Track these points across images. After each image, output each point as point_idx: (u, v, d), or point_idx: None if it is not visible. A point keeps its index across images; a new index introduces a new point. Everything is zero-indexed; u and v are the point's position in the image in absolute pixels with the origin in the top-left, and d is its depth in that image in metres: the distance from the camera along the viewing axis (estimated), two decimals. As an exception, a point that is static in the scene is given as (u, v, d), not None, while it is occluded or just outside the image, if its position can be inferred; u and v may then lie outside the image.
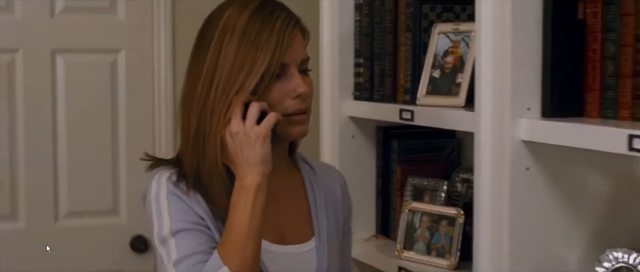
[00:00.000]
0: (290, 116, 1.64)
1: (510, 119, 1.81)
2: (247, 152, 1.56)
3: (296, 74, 1.63)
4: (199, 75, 1.61)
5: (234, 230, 1.55)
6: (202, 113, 1.60)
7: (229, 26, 1.60)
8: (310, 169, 1.82)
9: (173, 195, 1.61)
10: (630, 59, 1.70)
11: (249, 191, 1.56)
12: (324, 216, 1.76)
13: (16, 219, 3.35)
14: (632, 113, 1.70)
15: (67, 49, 3.36)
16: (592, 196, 1.90)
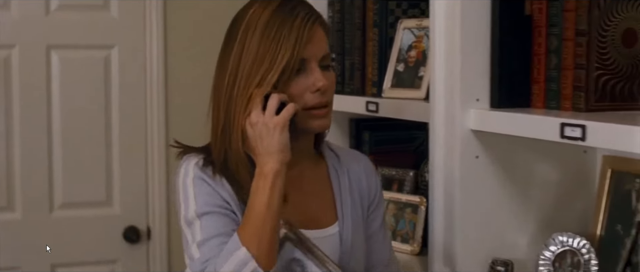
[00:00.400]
0: (310, 110, 1.69)
1: (460, 109, 1.90)
2: (266, 141, 1.61)
3: (316, 69, 1.68)
4: (225, 69, 1.68)
5: (253, 214, 1.59)
6: (228, 105, 1.66)
7: (253, 22, 1.66)
8: (336, 156, 1.87)
9: (200, 179, 1.67)
10: (571, 52, 1.78)
11: (267, 177, 1.60)
12: (348, 201, 1.80)
13: (13, 210, 3.45)
14: (573, 104, 1.78)
15: (61, 45, 3.45)
16: (540, 184, 1.99)
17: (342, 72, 2.49)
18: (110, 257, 3.53)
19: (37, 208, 3.46)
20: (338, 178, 1.83)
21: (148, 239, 3.56)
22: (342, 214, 1.80)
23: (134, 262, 3.55)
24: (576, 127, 1.59)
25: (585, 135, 1.58)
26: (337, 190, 1.82)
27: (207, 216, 1.65)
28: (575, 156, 2.01)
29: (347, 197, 1.82)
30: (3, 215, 3.42)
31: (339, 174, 1.84)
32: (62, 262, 3.50)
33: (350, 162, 1.88)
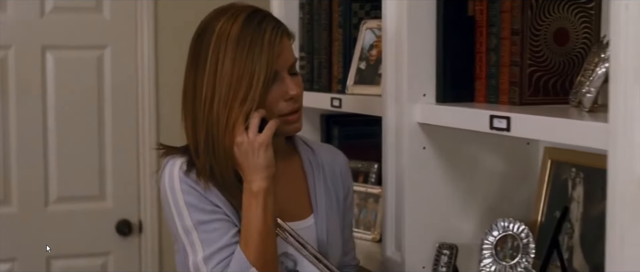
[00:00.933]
0: (285, 116, 1.78)
1: (408, 104, 2.03)
2: (252, 159, 1.70)
3: (287, 78, 1.77)
4: (200, 86, 1.73)
5: (252, 233, 1.70)
6: (209, 124, 1.72)
7: (222, 39, 1.72)
8: (310, 150, 1.97)
9: (187, 185, 1.74)
10: (508, 50, 1.91)
11: (258, 196, 1.70)
12: (322, 193, 1.89)
13: (9, 204, 3.59)
14: (509, 98, 1.91)
15: (56, 46, 3.60)
16: (485, 174, 2.12)
17: (311, 70, 2.62)
18: (103, 249, 3.68)
19: (32, 202, 3.60)
20: (312, 171, 1.93)
21: (140, 232, 3.70)
22: (317, 206, 1.90)
23: (126, 254, 3.70)
24: (502, 119, 1.72)
25: (509, 126, 1.71)
26: (312, 183, 1.92)
27: (204, 225, 1.74)
28: (519, 147, 2.14)
29: (321, 189, 1.91)
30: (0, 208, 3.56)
31: (314, 167, 1.94)
32: (56, 254, 3.64)
33: (325, 155, 1.98)
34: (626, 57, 1.35)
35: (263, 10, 1.81)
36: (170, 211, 1.77)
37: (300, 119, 1.84)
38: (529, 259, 1.89)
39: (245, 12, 1.76)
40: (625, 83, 1.36)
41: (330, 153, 2.01)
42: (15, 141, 3.56)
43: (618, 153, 1.38)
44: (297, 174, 1.93)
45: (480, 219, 2.10)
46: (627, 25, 1.34)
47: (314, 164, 1.94)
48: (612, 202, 1.39)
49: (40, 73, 3.57)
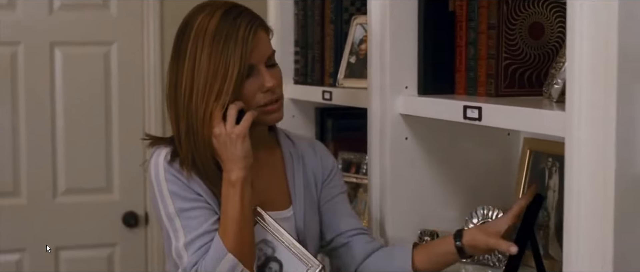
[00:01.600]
0: (263, 107, 1.85)
1: (390, 96, 2.11)
2: (230, 150, 1.77)
3: (263, 70, 1.83)
4: (180, 83, 1.81)
5: (230, 221, 1.76)
6: (189, 115, 1.80)
7: (200, 35, 1.79)
8: (291, 143, 2.04)
9: (171, 175, 1.82)
10: (485, 44, 1.98)
11: (236, 186, 1.77)
12: (301, 186, 1.95)
13: (19, 195, 3.70)
14: (487, 90, 1.98)
15: (64, 42, 3.70)
16: (467, 163, 2.19)
17: (304, 64, 2.70)
18: (110, 240, 3.79)
19: (41, 194, 3.71)
20: (292, 163, 2.00)
21: (146, 224, 3.80)
22: (295, 198, 1.97)
23: (133, 245, 3.80)
24: (474, 109, 1.80)
25: (481, 116, 1.79)
26: (291, 175, 1.99)
27: (185, 212, 1.81)
28: (500, 138, 2.21)
29: (300, 182, 1.99)
30: (9, 200, 3.67)
31: (294, 159, 2.01)
32: (64, 245, 3.74)
33: (305, 148, 2.06)
34: (581, 52, 1.42)
35: (240, 6, 1.88)
36: (156, 199, 1.86)
37: (280, 109, 1.90)
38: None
39: (222, 8, 1.84)
40: (580, 75, 1.43)
41: (310, 144, 2.09)
42: (25, 134, 3.67)
43: (574, 140, 1.45)
44: (278, 165, 2.01)
45: (461, 207, 2.17)
46: (582, 21, 1.41)
47: (294, 155, 2.01)
48: (569, 184, 1.46)
49: (48, 69, 3.67)
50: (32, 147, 3.68)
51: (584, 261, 1.43)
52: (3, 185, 3.67)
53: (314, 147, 2.08)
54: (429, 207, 2.15)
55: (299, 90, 2.72)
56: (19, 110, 3.65)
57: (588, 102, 1.43)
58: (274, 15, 2.79)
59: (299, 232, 1.94)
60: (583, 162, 1.44)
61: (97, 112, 3.73)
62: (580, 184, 1.44)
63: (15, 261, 3.71)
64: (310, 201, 2.00)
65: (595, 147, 1.41)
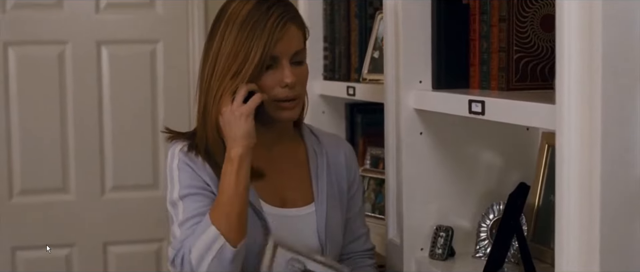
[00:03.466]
0: (279, 102, 1.84)
1: (405, 90, 2.09)
2: (234, 127, 1.76)
3: (286, 66, 1.82)
4: (206, 61, 1.83)
5: (222, 196, 1.74)
6: (207, 94, 1.81)
7: (232, 19, 1.80)
8: (316, 139, 2.03)
9: (183, 163, 1.83)
10: (496, 37, 1.96)
11: (234, 161, 1.75)
12: (324, 182, 1.94)
13: (67, 192, 3.78)
14: (498, 84, 1.96)
15: (110, 41, 3.77)
16: (484, 159, 2.16)
17: (332, 60, 2.70)
18: (157, 236, 3.84)
19: (89, 190, 3.79)
20: (316, 159, 1.99)
21: (192, 220, 3.83)
22: (318, 194, 1.96)
23: (179, 240, 3.84)
24: (478, 103, 1.77)
25: (484, 110, 1.76)
26: (314, 171, 1.98)
27: (188, 197, 1.81)
28: (518, 133, 2.17)
29: (323, 178, 1.97)
30: (59, 196, 3.76)
31: (318, 155, 2.00)
32: (112, 240, 3.82)
33: (330, 145, 2.04)
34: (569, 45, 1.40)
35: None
36: (166, 186, 1.88)
37: (295, 107, 1.89)
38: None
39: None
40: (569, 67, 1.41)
41: (336, 143, 2.07)
42: (73, 132, 3.74)
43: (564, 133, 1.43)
44: (301, 161, 2.00)
45: (478, 202, 2.15)
46: (570, 15, 1.39)
47: (318, 152, 2.00)
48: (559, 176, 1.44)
49: (95, 67, 3.75)
50: (80, 145, 3.76)
51: (572, 255, 1.41)
52: (52, 182, 3.75)
53: (340, 147, 2.07)
54: (445, 202, 2.13)
55: (327, 86, 2.72)
56: (67, 108, 3.73)
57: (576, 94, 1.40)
58: (304, 10, 2.79)
59: (319, 229, 1.93)
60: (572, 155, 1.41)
61: (144, 109, 3.79)
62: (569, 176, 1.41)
63: (64, 255, 3.78)
64: (333, 198, 1.98)
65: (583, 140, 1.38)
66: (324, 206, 1.95)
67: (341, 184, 2.02)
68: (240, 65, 1.79)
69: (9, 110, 3.68)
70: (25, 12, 3.67)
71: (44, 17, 3.69)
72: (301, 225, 1.93)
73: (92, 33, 3.74)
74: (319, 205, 1.95)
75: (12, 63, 3.69)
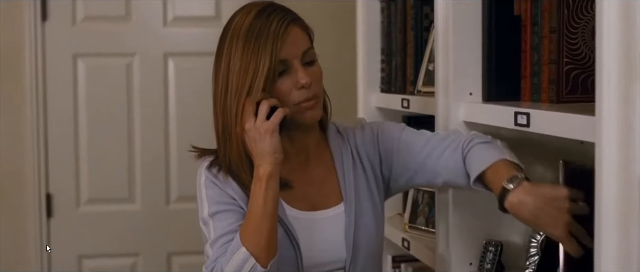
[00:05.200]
0: (299, 104, 1.83)
1: (454, 102, 2.07)
2: (259, 145, 1.76)
3: (298, 67, 1.81)
4: (218, 80, 1.84)
5: (251, 216, 1.76)
6: (224, 114, 1.83)
7: (236, 33, 1.81)
8: (340, 136, 1.98)
9: (209, 181, 1.85)
10: (547, 48, 1.92)
11: (262, 180, 1.75)
12: (351, 179, 1.93)
13: (133, 202, 3.85)
14: (549, 96, 1.92)
15: (177, 53, 3.83)
16: (537, 173, 2.12)
17: (389, 72, 2.68)
18: (221, 247, 3.84)
19: (155, 200, 3.84)
20: (342, 159, 1.98)
21: (255, 232, 3.85)
22: (346, 193, 1.95)
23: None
24: (524, 115, 1.74)
25: (529, 122, 1.73)
26: (341, 171, 1.97)
27: (217, 215, 1.82)
28: (572, 147, 2.11)
29: (350, 177, 1.96)
30: (125, 206, 3.83)
31: (343, 152, 1.98)
32: (176, 250, 3.86)
33: (354, 136, 2.02)
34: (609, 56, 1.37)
35: (276, 4, 1.87)
36: (198, 204, 1.89)
37: (316, 106, 1.87)
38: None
39: (258, 7, 1.84)
40: (608, 79, 1.38)
41: (360, 129, 2.03)
42: (139, 142, 3.81)
43: (603, 145, 1.39)
44: (328, 163, 1.99)
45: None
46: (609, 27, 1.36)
47: (343, 149, 1.99)
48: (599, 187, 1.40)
49: (162, 79, 3.80)
50: (146, 155, 3.82)
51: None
52: (118, 191, 3.81)
53: (363, 129, 2.03)
54: (494, 217, 2.08)
55: (384, 98, 2.71)
56: (134, 120, 3.80)
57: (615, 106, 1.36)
58: (361, 23, 2.79)
59: (348, 227, 1.92)
60: (612, 167, 1.38)
61: (209, 121, 3.78)
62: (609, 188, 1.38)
63: (129, 264, 3.83)
64: (364, 192, 1.97)
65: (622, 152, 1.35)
66: (353, 204, 1.94)
67: (374, 167, 1.99)
68: (252, 78, 1.79)
69: (77, 121, 3.76)
70: (94, 25, 3.75)
71: (113, 30, 3.77)
72: (330, 226, 1.93)
73: (159, 45, 3.80)
74: (347, 204, 1.94)
75: (81, 74, 3.77)
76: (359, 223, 1.94)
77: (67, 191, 3.79)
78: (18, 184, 3.76)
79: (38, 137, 3.74)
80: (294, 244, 1.87)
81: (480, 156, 1.85)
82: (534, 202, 1.66)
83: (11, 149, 3.75)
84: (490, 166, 1.80)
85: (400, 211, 2.79)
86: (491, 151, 1.85)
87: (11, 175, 3.76)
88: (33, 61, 3.71)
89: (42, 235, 3.77)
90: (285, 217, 1.88)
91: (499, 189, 1.73)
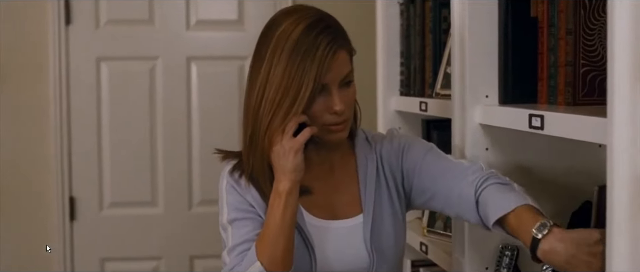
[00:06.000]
0: (328, 126, 1.82)
1: (470, 105, 2.04)
2: (282, 161, 1.76)
3: (335, 93, 1.79)
4: (254, 87, 1.80)
5: (268, 230, 1.76)
6: (254, 123, 1.79)
7: (280, 45, 1.76)
8: (369, 145, 2.00)
9: (230, 186, 1.84)
10: (563, 50, 1.89)
11: (281, 195, 1.75)
12: (373, 190, 1.92)
13: (156, 205, 3.85)
14: (565, 98, 1.89)
15: (200, 57, 3.83)
16: (551, 176, 2.09)
17: (408, 75, 2.67)
18: (243, 250, 3.84)
19: (177, 204, 3.84)
20: (366, 169, 1.96)
21: (277, 235, 3.84)
22: (365, 205, 1.93)
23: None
24: (538, 118, 1.72)
25: (543, 125, 1.71)
26: (363, 181, 1.95)
27: (236, 222, 1.81)
28: (590, 151, 2.09)
29: (371, 188, 1.94)
30: (147, 209, 3.84)
31: (368, 161, 1.96)
32: (199, 254, 3.86)
33: (382, 146, 1.99)
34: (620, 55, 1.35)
35: (326, 19, 1.83)
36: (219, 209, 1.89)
37: (344, 129, 1.87)
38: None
39: (307, 20, 1.79)
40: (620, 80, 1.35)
41: (388, 140, 2.01)
42: (162, 146, 3.82)
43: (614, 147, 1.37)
44: (351, 172, 1.97)
45: (546, 222, 2.07)
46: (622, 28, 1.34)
47: (369, 158, 1.97)
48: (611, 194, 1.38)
49: (185, 83, 3.81)
50: (169, 159, 3.82)
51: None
52: (141, 195, 3.82)
53: (390, 138, 2.01)
54: (511, 221, 2.06)
55: (402, 101, 2.69)
56: (156, 123, 3.81)
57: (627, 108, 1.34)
58: (381, 27, 2.77)
59: (365, 239, 1.91)
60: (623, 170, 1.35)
61: (232, 125, 3.80)
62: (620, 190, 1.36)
63: (152, 267, 3.84)
64: (384, 204, 1.95)
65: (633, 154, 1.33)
66: (371, 216, 1.92)
67: (397, 180, 1.97)
68: (292, 100, 1.76)
69: (100, 124, 3.78)
70: (117, 28, 3.77)
71: (136, 33, 3.78)
72: (348, 237, 1.91)
73: (182, 49, 3.81)
74: (366, 215, 1.92)
75: (104, 78, 3.78)
76: (378, 235, 1.92)
77: (90, 194, 3.81)
78: (42, 187, 3.79)
79: (61, 141, 3.76)
80: (309, 251, 1.87)
81: (500, 198, 1.78)
82: (567, 249, 1.59)
83: (35, 153, 3.77)
84: (513, 210, 1.73)
85: (419, 214, 2.77)
86: (512, 195, 1.77)
87: (35, 178, 3.78)
88: (57, 65, 3.73)
89: (65, 238, 3.79)
90: (303, 223, 1.87)
91: (528, 237, 1.64)
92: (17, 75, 3.73)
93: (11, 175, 3.76)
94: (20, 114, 3.75)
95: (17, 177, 3.77)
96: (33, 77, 3.74)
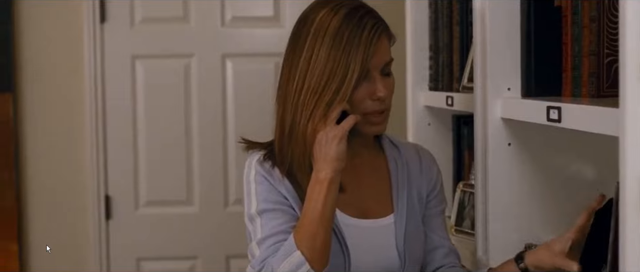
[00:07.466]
0: (368, 115, 1.76)
1: (491, 98, 1.96)
2: (325, 149, 1.68)
3: (378, 78, 1.74)
4: (293, 75, 1.74)
5: (307, 219, 1.68)
6: (294, 111, 1.73)
7: (321, 30, 1.71)
8: (396, 149, 1.95)
9: (260, 176, 1.78)
10: (587, 39, 1.80)
11: (323, 184, 1.68)
12: (404, 193, 1.86)
13: (191, 204, 3.82)
14: (588, 90, 1.80)
15: (235, 54, 3.79)
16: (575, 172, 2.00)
17: (436, 69, 2.59)
18: (279, 249, 3.79)
19: (213, 203, 3.80)
20: (397, 170, 1.91)
21: (314, 235, 3.79)
22: (398, 206, 1.87)
23: (301, 255, 3.80)
24: (555, 110, 1.64)
25: (560, 117, 1.62)
26: (395, 181, 1.90)
27: (266, 213, 1.75)
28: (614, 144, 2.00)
29: (403, 189, 1.89)
30: (183, 208, 3.80)
31: (399, 165, 1.91)
32: (235, 253, 3.81)
33: (411, 155, 1.95)
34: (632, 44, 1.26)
35: (365, 5, 1.79)
36: (244, 199, 1.82)
37: (384, 121, 1.81)
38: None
39: (347, 7, 1.74)
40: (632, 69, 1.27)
41: (415, 151, 1.97)
42: (198, 144, 3.78)
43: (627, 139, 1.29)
44: (382, 172, 1.91)
45: (570, 218, 1.98)
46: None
47: (399, 162, 1.92)
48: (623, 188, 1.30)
49: (220, 80, 3.77)
50: (205, 157, 3.78)
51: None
52: (177, 194, 3.79)
53: (419, 154, 1.96)
54: (534, 218, 1.98)
55: (430, 96, 2.62)
56: (191, 121, 3.77)
57: (638, 97, 1.25)
58: (410, 19, 2.70)
59: (398, 240, 1.84)
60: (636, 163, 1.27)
61: (267, 122, 3.74)
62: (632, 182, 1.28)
63: (188, 267, 3.81)
64: (413, 209, 1.89)
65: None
66: (404, 217, 1.86)
67: (421, 193, 1.92)
68: (340, 83, 1.71)
69: (136, 123, 3.76)
70: (152, 26, 3.74)
71: (171, 31, 3.75)
72: (380, 236, 1.85)
73: (217, 46, 3.77)
74: (398, 216, 1.86)
75: (140, 76, 3.76)
76: (408, 235, 1.86)
77: (125, 193, 3.79)
78: (77, 186, 3.78)
79: (97, 139, 3.74)
80: (343, 250, 1.79)
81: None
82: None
83: (70, 151, 3.77)
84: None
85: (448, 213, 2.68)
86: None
87: (70, 177, 3.78)
88: (92, 63, 3.72)
89: (100, 237, 3.77)
90: (337, 221, 1.80)
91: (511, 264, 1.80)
92: (52, 74, 3.73)
93: (47, 174, 3.75)
94: (56, 112, 3.75)
95: (53, 176, 3.76)
96: (68, 75, 3.73)
